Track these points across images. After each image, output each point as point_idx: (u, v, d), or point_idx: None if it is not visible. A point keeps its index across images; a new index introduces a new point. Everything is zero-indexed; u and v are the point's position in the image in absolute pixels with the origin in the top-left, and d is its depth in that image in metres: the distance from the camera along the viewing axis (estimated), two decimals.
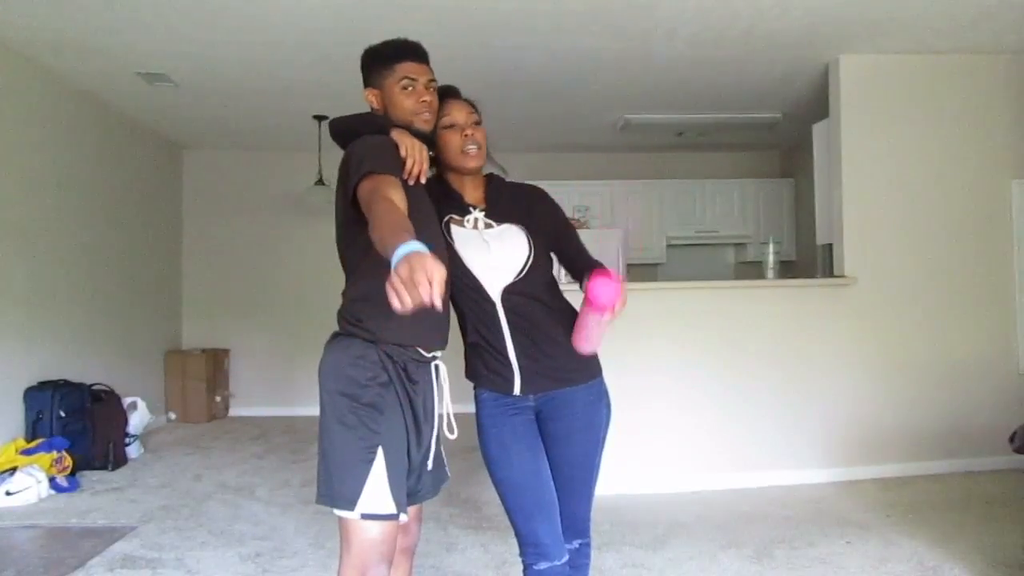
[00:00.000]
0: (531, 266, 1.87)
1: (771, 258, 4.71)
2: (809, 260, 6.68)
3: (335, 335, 1.79)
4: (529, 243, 1.89)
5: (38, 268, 4.71)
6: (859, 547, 3.24)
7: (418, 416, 1.76)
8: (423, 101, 1.82)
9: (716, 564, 3.09)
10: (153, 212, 6.44)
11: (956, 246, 4.56)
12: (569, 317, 1.91)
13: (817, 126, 5.08)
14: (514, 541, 1.90)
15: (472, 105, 1.95)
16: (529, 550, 1.85)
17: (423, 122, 1.83)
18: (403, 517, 1.73)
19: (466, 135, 1.88)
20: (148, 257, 6.32)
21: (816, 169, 5.07)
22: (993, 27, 4.17)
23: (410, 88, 1.81)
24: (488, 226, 1.90)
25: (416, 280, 1.26)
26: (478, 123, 1.92)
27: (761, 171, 7.43)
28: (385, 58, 1.85)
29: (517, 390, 1.87)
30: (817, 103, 5.27)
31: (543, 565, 1.83)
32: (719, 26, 4.10)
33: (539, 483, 1.86)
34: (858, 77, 4.58)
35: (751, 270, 6.98)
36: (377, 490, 1.68)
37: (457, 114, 1.90)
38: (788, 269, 6.78)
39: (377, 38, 1.93)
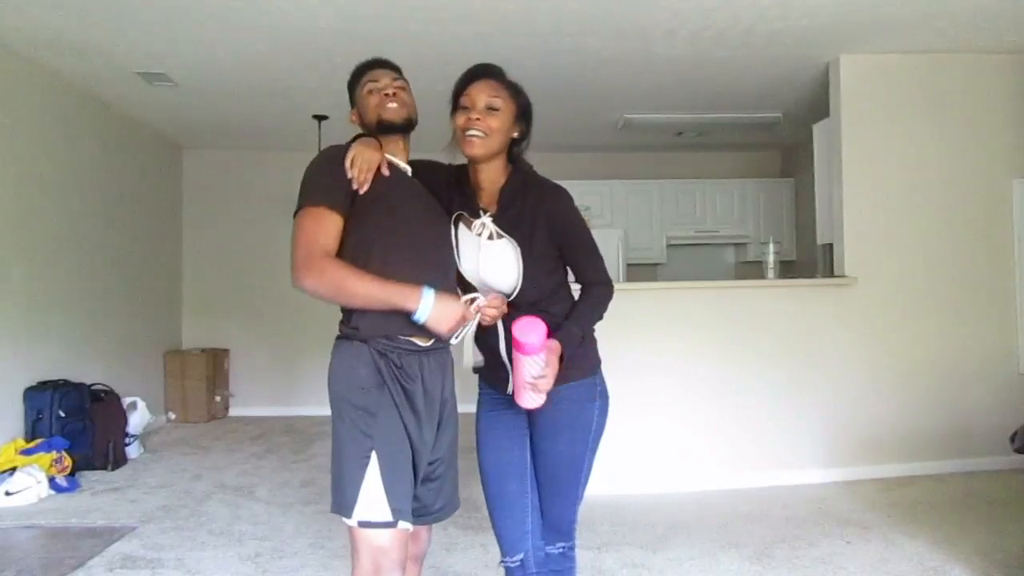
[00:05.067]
0: (521, 288, 1.81)
1: (771, 258, 4.71)
2: (809, 260, 6.68)
3: (336, 339, 1.79)
4: (519, 266, 1.80)
5: (38, 268, 4.71)
6: (859, 547, 3.24)
7: (419, 414, 1.72)
8: (386, 94, 1.82)
9: (716, 564, 3.08)
10: (153, 212, 6.44)
11: (956, 246, 4.56)
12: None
13: (817, 126, 5.07)
14: None
15: (507, 87, 1.84)
16: (499, 547, 1.86)
17: (391, 112, 1.81)
18: (403, 524, 1.66)
19: (471, 119, 1.79)
20: (148, 257, 6.31)
21: (816, 169, 5.07)
22: (993, 27, 4.17)
23: (374, 91, 1.84)
24: (491, 237, 1.83)
25: (464, 317, 1.69)
26: (495, 109, 1.80)
27: (761, 171, 7.42)
28: (353, 78, 1.91)
29: (510, 390, 1.83)
30: (817, 103, 5.27)
31: (504, 560, 1.83)
32: (719, 26, 4.09)
33: (510, 474, 1.83)
34: (858, 77, 4.58)
35: (751, 270, 6.98)
36: (373, 496, 1.64)
37: (474, 95, 1.80)
38: (788, 269, 6.79)
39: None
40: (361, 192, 1.72)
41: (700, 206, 7.09)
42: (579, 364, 1.84)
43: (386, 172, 1.77)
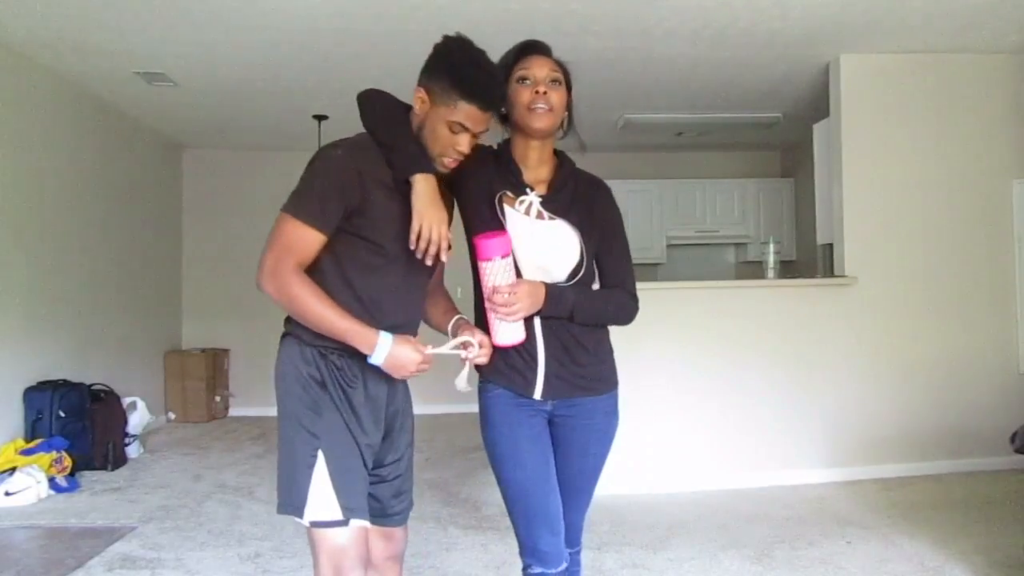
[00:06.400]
0: (580, 277, 1.76)
1: (771, 258, 4.70)
2: (809, 260, 6.68)
3: (282, 336, 1.75)
4: (581, 250, 1.76)
5: (38, 268, 4.70)
6: (859, 547, 3.24)
7: (360, 417, 1.69)
8: (458, 150, 1.66)
9: (716, 564, 3.08)
10: (153, 212, 6.44)
11: (956, 246, 4.56)
12: (603, 329, 1.86)
13: (817, 126, 5.08)
14: (514, 541, 1.87)
15: (559, 65, 1.78)
16: (527, 554, 1.80)
17: (443, 165, 1.68)
18: (356, 522, 1.64)
19: (538, 92, 1.71)
20: (148, 257, 6.31)
21: (816, 169, 5.07)
22: (994, 27, 4.17)
23: (458, 133, 1.64)
24: (540, 216, 1.75)
25: (419, 364, 1.62)
26: (557, 82, 1.75)
27: (761, 171, 7.43)
28: (453, 83, 1.62)
29: (538, 394, 1.77)
30: (817, 103, 5.27)
31: (537, 570, 1.78)
32: (719, 26, 4.10)
33: (548, 490, 1.78)
34: (858, 77, 4.58)
35: (751, 270, 6.98)
36: (322, 495, 1.61)
37: (536, 69, 1.74)
38: (788, 269, 6.78)
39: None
40: (429, 263, 1.67)
41: (700, 206, 7.10)
42: (606, 378, 1.86)
43: (447, 258, 1.70)
